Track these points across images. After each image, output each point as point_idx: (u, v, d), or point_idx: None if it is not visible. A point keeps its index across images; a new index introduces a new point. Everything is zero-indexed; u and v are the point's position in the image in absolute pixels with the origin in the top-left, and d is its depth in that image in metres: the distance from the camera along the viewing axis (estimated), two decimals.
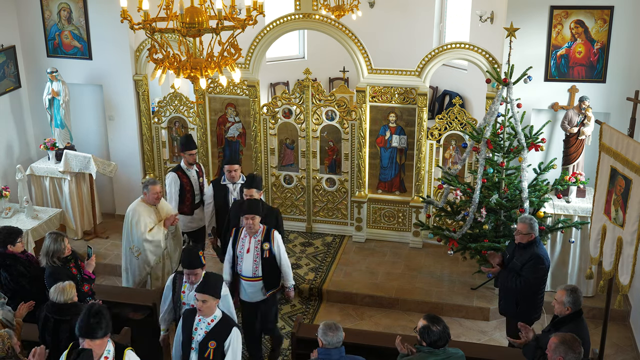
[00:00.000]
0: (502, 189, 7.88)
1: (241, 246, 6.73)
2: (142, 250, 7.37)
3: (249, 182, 7.17)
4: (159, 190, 7.47)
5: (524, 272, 6.39)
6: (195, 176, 8.19)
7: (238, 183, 7.71)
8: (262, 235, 6.71)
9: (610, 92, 8.17)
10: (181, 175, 8.09)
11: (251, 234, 6.69)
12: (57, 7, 9.37)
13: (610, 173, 6.16)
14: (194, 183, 8.16)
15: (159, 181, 8.07)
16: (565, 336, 4.84)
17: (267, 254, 6.71)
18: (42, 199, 9.59)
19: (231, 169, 7.77)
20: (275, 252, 6.75)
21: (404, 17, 13.11)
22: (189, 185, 8.12)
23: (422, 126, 8.86)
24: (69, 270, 6.34)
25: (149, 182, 7.48)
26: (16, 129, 9.77)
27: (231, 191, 7.77)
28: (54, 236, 6.40)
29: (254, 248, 6.68)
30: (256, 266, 6.70)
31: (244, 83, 9.23)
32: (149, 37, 5.80)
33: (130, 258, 7.46)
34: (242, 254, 6.72)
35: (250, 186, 7.11)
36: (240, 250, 6.74)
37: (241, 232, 6.77)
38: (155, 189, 7.43)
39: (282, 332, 7.77)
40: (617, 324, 7.87)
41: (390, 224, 9.43)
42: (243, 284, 6.80)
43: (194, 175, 8.18)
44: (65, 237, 6.45)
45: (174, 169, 8.22)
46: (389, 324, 7.96)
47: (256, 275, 6.73)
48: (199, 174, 8.25)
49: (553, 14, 8.05)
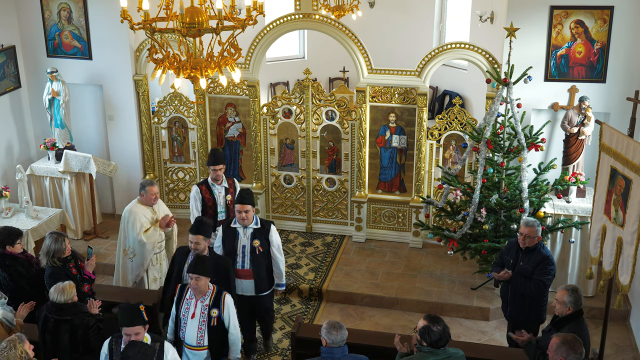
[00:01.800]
0: (502, 189, 7.88)
1: (185, 309, 5.80)
2: (137, 251, 7.37)
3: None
4: (156, 190, 7.43)
5: (536, 274, 6.37)
6: (221, 193, 7.77)
7: (250, 227, 6.77)
8: (210, 299, 5.77)
9: (610, 92, 8.17)
10: (205, 190, 7.75)
11: (198, 296, 5.77)
12: (57, 7, 9.37)
13: (610, 173, 6.16)
14: (218, 199, 7.75)
15: (155, 182, 7.86)
16: (566, 337, 4.84)
17: (215, 322, 5.76)
18: (42, 199, 9.59)
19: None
20: (224, 320, 5.82)
21: (404, 17, 13.11)
22: (211, 202, 7.74)
23: (422, 126, 8.86)
24: (69, 270, 6.34)
25: (146, 182, 7.45)
26: (16, 129, 9.77)
27: (241, 237, 6.81)
28: (54, 236, 6.39)
29: (200, 313, 5.75)
30: (201, 334, 5.77)
31: (244, 83, 9.23)
32: (149, 37, 5.80)
33: (124, 260, 7.47)
34: (187, 318, 5.78)
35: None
36: (184, 314, 5.81)
37: (187, 291, 5.84)
38: (153, 190, 7.39)
39: (282, 332, 7.78)
40: (617, 324, 7.87)
41: (390, 224, 9.44)
42: (186, 351, 5.85)
43: (220, 192, 7.77)
44: (66, 238, 6.45)
45: (200, 182, 7.92)
46: (389, 324, 7.96)
47: (201, 345, 5.80)
48: (227, 191, 7.81)
49: (553, 14, 8.05)
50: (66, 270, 6.32)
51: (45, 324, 5.70)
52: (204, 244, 6.33)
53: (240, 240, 6.77)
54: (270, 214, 9.77)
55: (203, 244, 6.32)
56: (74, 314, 5.66)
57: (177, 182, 9.98)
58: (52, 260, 6.31)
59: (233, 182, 7.95)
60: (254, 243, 6.69)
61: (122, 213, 7.50)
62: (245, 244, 6.75)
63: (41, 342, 5.78)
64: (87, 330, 5.65)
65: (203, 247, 6.33)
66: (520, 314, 6.58)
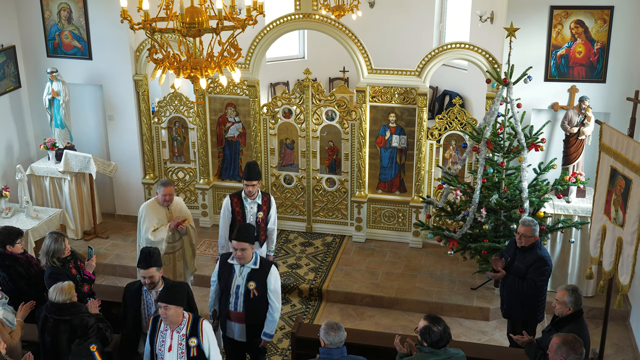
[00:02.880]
0: (502, 189, 7.88)
1: (160, 342, 5.35)
2: None
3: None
4: (168, 192, 7.21)
5: (530, 274, 6.38)
6: (253, 209, 7.23)
7: (247, 267, 6.03)
8: (187, 328, 5.34)
9: (610, 92, 8.17)
10: (236, 202, 7.25)
11: (172, 327, 5.32)
12: (57, 7, 9.37)
13: (610, 173, 6.16)
14: (249, 215, 7.22)
15: (171, 182, 7.41)
16: (567, 337, 4.84)
17: (195, 353, 5.31)
18: (42, 199, 9.59)
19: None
20: (204, 349, 5.36)
21: (404, 17, 13.11)
22: (240, 216, 7.23)
23: (422, 126, 8.86)
24: (69, 270, 6.34)
25: (161, 182, 7.28)
26: (16, 129, 9.77)
27: (236, 275, 6.06)
28: (54, 236, 6.39)
29: (178, 344, 5.31)
30: None
31: (244, 83, 9.23)
32: (149, 37, 5.80)
33: None
34: (163, 352, 5.32)
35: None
36: (160, 348, 5.35)
37: (160, 323, 5.39)
38: (165, 190, 7.19)
39: (282, 332, 7.77)
40: (617, 324, 7.87)
41: (390, 224, 9.43)
42: None
43: (252, 207, 7.23)
44: (66, 238, 6.44)
45: (233, 193, 7.40)
46: (389, 324, 7.96)
47: None
48: (260, 207, 7.23)
49: (553, 14, 8.05)
50: (66, 270, 6.32)
51: (44, 324, 5.70)
52: (158, 275, 5.85)
53: (235, 279, 6.05)
54: None
55: (157, 276, 5.84)
56: (73, 314, 5.66)
57: (177, 182, 9.98)
58: (51, 260, 6.31)
59: (268, 200, 7.34)
60: (249, 285, 6.00)
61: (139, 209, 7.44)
62: (240, 284, 6.04)
63: (41, 342, 5.78)
64: (87, 330, 5.65)
65: (157, 280, 5.87)
66: (515, 312, 6.62)
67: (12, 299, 6.34)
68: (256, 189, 6.82)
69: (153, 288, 5.88)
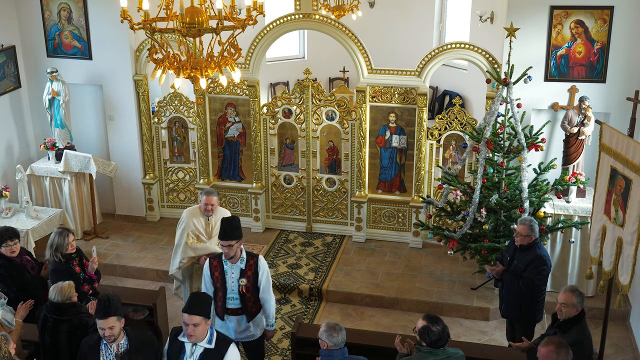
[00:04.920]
0: (502, 189, 7.88)
1: None
2: (174, 250, 7.17)
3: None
4: (209, 201, 6.86)
5: (527, 273, 6.37)
6: (235, 274, 5.95)
7: (200, 346, 5.02)
8: None
9: (610, 92, 8.17)
10: (215, 265, 5.98)
11: None
12: (57, 7, 9.37)
13: (610, 173, 6.16)
14: (229, 282, 5.96)
15: (214, 192, 7.00)
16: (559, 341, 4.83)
17: None
18: (42, 199, 9.59)
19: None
20: None
21: (404, 17, 13.11)
22: (220, 282, 5.97)
23: (422, 126, 8.86)
24: (72, 267, 6.35)
25: (204, 191, 7.00)
26: (16, 129, 9.77)
27: (186, 356, 5.09)
28: (59, 230, 6.41)
29: None
30: None
31: (244, 83, 9.23)
32: (149, 37, 5.80)
33: None
34: None
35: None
36: None
37: None
38: (206, 199, 6.87)
39: (282, 332, 7.77)
40: (617, 324, 7.87)
41: (390, 224, 9.43)
42: None
43: (233, 272, 5.95)
44: (71, 234, 6.42)
45: (214, 255, 6.21)
46: (389, 324, 7.96)
47: None
48: (244, 273, 5.94)
49: (553, 14, 8.05)
50: (68, 267, 6.33)
51: (44, 323, 5.70)
52: (119, 326, 5.12)
53: None
54: (270, 214, 9.77)
55: (118, 327, 5.10)
56: (72, 314, 5.66)
57: (177, 182, 9.98)
58: (55, 254, 6.32)
59: (255, 264, 5.96)
60: None
61: None
62: None
63: (41, 342, 5.78)
64: (86, 330, 5.64)
65: (118, 332, 5.12)
66: (513, 311, 6.61)
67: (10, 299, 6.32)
68: (235, 251, 5.75)
69: (113, 341, 5.11)
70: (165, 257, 9.04)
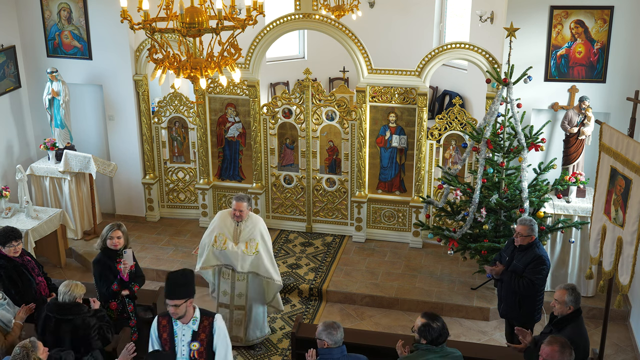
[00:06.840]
0: (502, 189, 7.88)
1: None
2: (201, 245, 7.19)
3: None
4: (238, 207, 6.85)
5: (527, 273, 6.37)
6: (185, 337, 5.22)
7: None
8: None
9: (610, 92, 8.17)
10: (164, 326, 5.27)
11: None
12: (57, 7, 9.37)
13: (610, 173, 6.16)
14: (179, 345, 5.23)
15: (244, 198, 6.93)
16: (563, 341, 4.84)
17: None
18: (42, 199, 9.59)
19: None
20: None
21: (404, 17, 13.11)
22: (167, 345, 5.23)
23: (422, 126, 8.86)
24: (114, 264, 6.41)
25: (235, 196, 6.97)
26: (16, 129, 9.77)
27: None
28: (111, 224, 6.56)
29: None
30: None
31: (244, 83, 9.23)
32: (149, 37, 5.80)
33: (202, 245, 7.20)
34: None
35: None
36: None
37: None
38: (235, 205, 6.86)
39: (282, 332, 7.77)
40: (617, 324, 7.87)
41: (390, 224, 9.44)
42: None
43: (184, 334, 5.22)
44: (118, 230, 6.47)
45: (163, 313, 5.35)
46: (389, 324, 7.96)
47: None
48: (197, 335, 5.22)
49: (553, 14, 8.05)
50: (110, 262, 6.41)
51: (46, 323, 5.70)
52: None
53: None
54: (270, 214, 9.77)
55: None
56: (75, 314, 5.67)
57: (177, 182, 9.98)
58: (102, 243, 6.47)
59: (210, 325, 5.21)
60: None
61: None
62: None
63: (41, 342, 5.77)
64: (89, 330, 5.65)
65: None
66: (512, 311, 6.61)
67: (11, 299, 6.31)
68: (183, 311, 5.06)
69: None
70: (165, 257, 9.05)
